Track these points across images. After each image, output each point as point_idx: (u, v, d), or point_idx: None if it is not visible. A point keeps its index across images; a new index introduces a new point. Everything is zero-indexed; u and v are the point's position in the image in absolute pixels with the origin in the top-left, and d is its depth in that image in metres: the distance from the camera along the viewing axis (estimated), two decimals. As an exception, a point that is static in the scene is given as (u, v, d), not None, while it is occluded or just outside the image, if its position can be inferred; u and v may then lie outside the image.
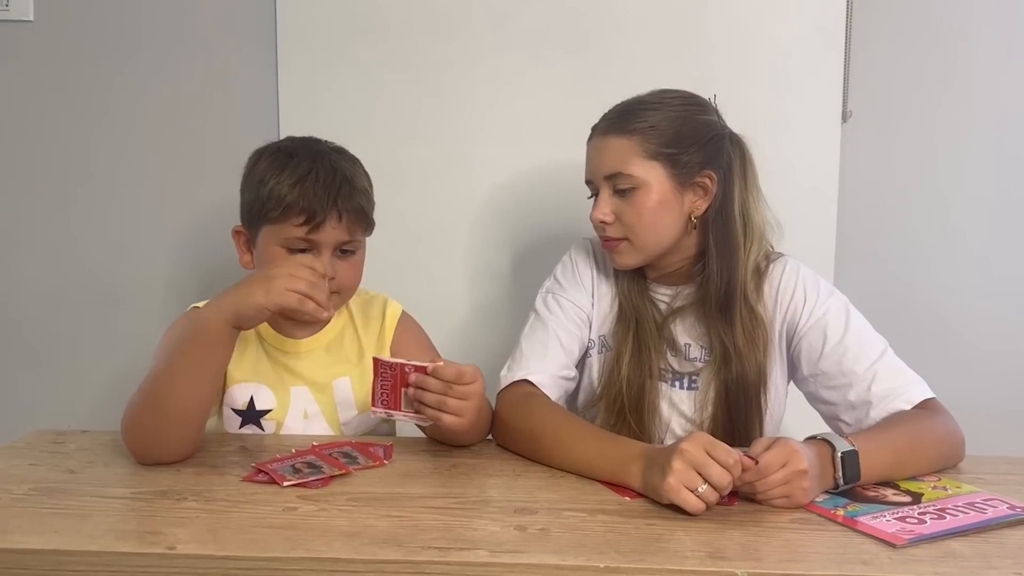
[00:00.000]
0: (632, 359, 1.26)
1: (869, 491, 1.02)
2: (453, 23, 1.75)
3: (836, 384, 1.18)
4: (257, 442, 1.21)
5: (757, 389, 1.23)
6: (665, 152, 1.21)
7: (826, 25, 1.74)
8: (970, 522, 0.92)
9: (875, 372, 1.15)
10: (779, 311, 1.25)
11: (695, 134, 1.22)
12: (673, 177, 1.22)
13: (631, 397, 1.25)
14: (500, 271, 1.80)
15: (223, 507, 0.96)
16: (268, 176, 1.21)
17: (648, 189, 1.21)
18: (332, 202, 1.20)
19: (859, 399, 1.15)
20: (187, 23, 1.78)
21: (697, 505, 0.93)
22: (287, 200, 1.19)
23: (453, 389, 1.07)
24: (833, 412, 1.20)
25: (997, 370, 1.81)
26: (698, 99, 1.27)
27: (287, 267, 1.11)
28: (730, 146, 1.25)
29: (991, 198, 1.80)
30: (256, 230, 1.25)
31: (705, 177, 1.22)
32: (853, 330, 1.19)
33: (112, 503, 0.97)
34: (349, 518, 0.93)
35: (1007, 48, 1.76)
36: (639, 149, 1.21)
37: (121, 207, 1.83)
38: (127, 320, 1.85)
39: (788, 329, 1.25)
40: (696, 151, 1.22)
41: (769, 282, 1.25)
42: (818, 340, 1.20)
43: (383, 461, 1.12)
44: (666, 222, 1.23)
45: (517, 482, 1.07)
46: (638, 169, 1.21)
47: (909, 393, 1.14)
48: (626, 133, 1.22)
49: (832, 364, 1.18)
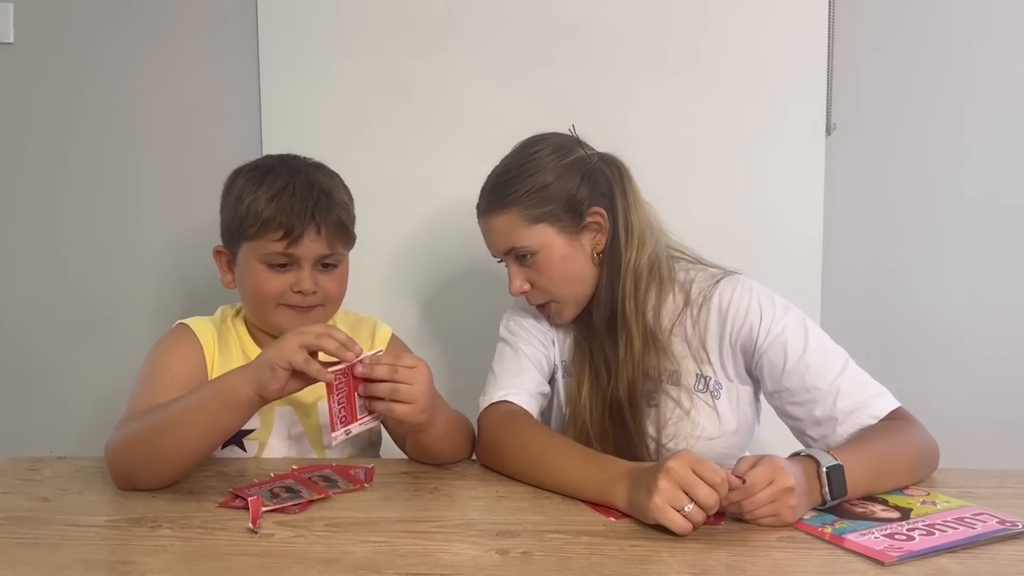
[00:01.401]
0: (591, 386, 1.26)
1: (857, 507, 1.00)
2: (437, 39, 1.76)
3: (800, 400, 1.17)
4: (237, 466, 1.19)
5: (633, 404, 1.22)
6: (546, 211, 1.21)
7: (809, 39, 1.74)
8: (960, 538, 0.91)
9: (838, 387, 1.14)
10: (730, 328, 1.22)
11: (567, 182, 1.21)
12: (563, 230, 1.22)
13: (594, 424, 1.25)
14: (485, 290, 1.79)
15: (198, 534, 0.94)
16: (245, 193, 1.21)
17: (546, 250, 1.22)
18: (310, 215, 1.19)
19: (824, 415, 1.15)
20: (168, 45, 1.78)
21: (683, 525, 0.91)
22: (264, 215, 1.18)
23: (399, 373, 1.04)
24: (799, 427, 1.19)
25: (986, 381, 1.81)
26: (560, 142, 1.25)
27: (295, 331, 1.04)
28: (606, 170, 1.24)
29: (978, 208, 1.80)
30: (236, 248, 1.24)
31: (595, 215, 1.23)
32: (813, 345, 1.18)
33: (85, 532, 0.95)
34: (327, 544, 0.91)
35: (991, 58, 1.77)
36: (520, 219, 1.22)
37: (105, 229, 1.82)
38: (112, 344, 1.83)
39: (744, 346, 1.22)
40: (574, 196, 1.21)
41: (718, 300, 1.23)
42: (779, 357, 1.18)
43: (364, 484, 1.10)
44: (576, 271, 1.24)
45: (500, 504, 1.05)
46: (528, 237, 1.22)
47: (874, 407, 1.14)
48: (503, 209, 1.23)
49: (795, 380, 1.17)
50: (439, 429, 1.14)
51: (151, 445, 1.06)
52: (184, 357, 1.23)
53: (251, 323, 1.30)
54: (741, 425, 1.27)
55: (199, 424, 1.05)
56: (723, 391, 1.25)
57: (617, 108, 1.74)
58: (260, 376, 1.02)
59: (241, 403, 1.04)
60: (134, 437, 1.07)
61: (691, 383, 1.25)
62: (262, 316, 1.25)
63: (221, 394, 1.05)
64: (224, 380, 1.06)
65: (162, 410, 1.07)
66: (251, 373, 1.03)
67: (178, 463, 1.08)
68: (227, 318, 1.31)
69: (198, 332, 1.26)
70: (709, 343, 1.24)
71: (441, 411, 1.15)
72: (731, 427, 1.25)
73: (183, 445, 1.06)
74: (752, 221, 1.77)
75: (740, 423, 1.27)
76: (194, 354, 1.24)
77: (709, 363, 1.25)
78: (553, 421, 1.35)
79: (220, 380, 1.07)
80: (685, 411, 1.24)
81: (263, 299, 1.22)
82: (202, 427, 1.05)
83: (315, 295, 1.22)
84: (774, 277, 1.38)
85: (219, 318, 1.32)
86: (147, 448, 1.06)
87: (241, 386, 1.03)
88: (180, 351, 1.24)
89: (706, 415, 1.24)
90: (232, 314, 1.32)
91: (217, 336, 1.27)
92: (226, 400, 1.04)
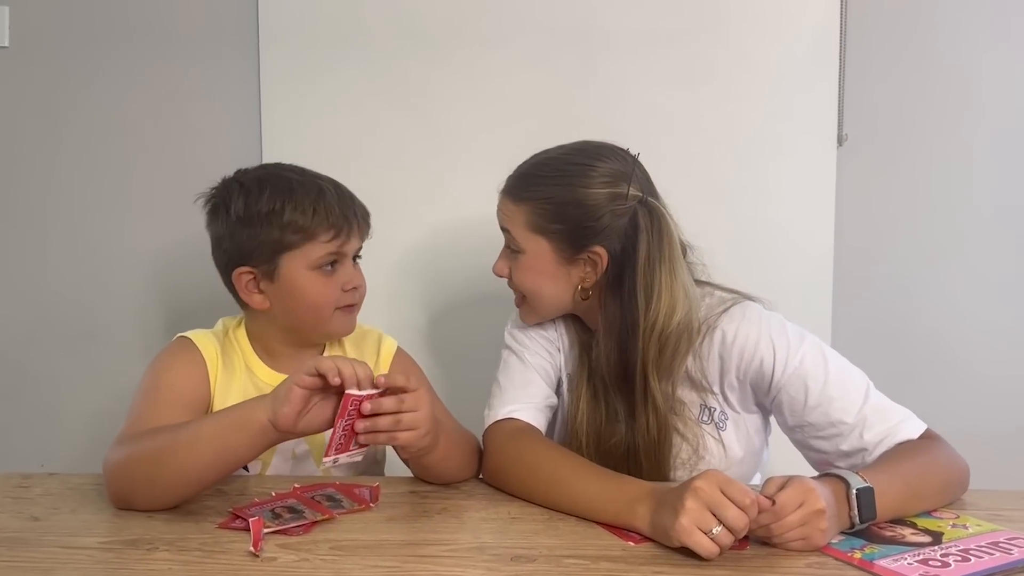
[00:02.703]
0: (589, 404, 1.21)
1: (886, 531, 0.96)
2: (441, 47, 1.72)
3: (826, 435, 1.12)
4: (238, 485, 1.14)
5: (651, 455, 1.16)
6: (551, 228, 1.16)
7: (820, 48, 1.72)
8: (997, 564, 0.87)
9: (864, 418, 1.09)
10: (736, 363, 1.16)
11: (587, 212, 1.14)
12: (558, 251, 1.17)
13: (589, 443, 1.19)
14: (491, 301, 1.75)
15: (196, 557, 0.90)
16: (277, 207, 1.17)
17: (531, 258, 1.18)
18: (351, 212, 1.21)
19: (853, 448, 1.10)
20: (165, 50, 1.75)
21: (711, 548, 0.87)
22: (314, 222, 1.17)
23: (404, 403, 1.00)
24: (825, 459, 1.13)
25: (1004, 397, 1.77)
26: (616, 171, 1.15)
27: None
28: (641, 217, 1.13)
29: (990, 219, 1.77)
30: (274, 265, 1.19)
31: (595, 253, 1.15)
32: (834, 376, 1.12)
33: (77, 555, 0.91)
34: (332, 569, 0.87)
35: (1003, 69, 1.75)
36: (525, 220, 1.17)
37: (99, 238, 1.78)
38: (106, 355, 1.79)
39: (756, 382, 1.16)
40: (586, 228, 1.14)
41: (721, 332, 1.16)
42: (799, 392, 1.12)
43: (369, 504, 1.06)
44: (551, 292, 1.20)
45: (513, 526, 1.01)
46: (522, 238, 1.18)
47: (902, 434, 1.09)
48: (517, 200, 1.18)
49: (819, 416, 1.11)
50: (442, 450, 1.09)
51: (156, 466, 1.01)
52: (187, 373, 1.19)
53: (254, 334, 1.26)
54: (748, 454, 1.22)
55: (209, 451, 1.00)
56: (729, 422, 1.20)
57: (625, 118, 1.71)
58: (275, 401, 0.98)
59: (253, 430, 0.99)
60: (138, 456, 1.02)
61: (695, 414, 1.20)
62: (318, 326, 1.22)
63: (235, 420, 1.00)
64: (240, 407, 1.02)
65: (171, 432, 1.02)
66: (267, 400, 0.99)
67: (182, 488, 1.03)
68: (229, 331, 1.27)
69: (201, 346, 1.21)
70: (711, 375, 1.18)
71: (443, 431, 1.10)
72: (737, 456, 1.20)
73: (190, 471, 1.01)
74: (762, 233, 1.74)
75: (747, 451, 1.22)
76: (197, 369, 1.19)
77: (712, 394, 1.20)
78: (557, 433, 1.30)
79: (236, 407, 1.03)
80: (692, 446, 1.18)
81: (322, 307, 1.20)
82: (211, 454, 1.00)
83: (359, 289, 1.24)
84: (784, 290, 1.34)
85: (221, 331, 1.27)
86: (151, 469, 1.01)
87: (257, 412, 0.99)
88: (182, 366, 1.19)
89: (711, 446, 1.19)
90: (234, 326, 1.28)
91: (220, 350, 1.23)
92: (240, 426, 0.99)
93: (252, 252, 1.19)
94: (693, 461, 1.18)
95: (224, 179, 1.24)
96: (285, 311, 1.22)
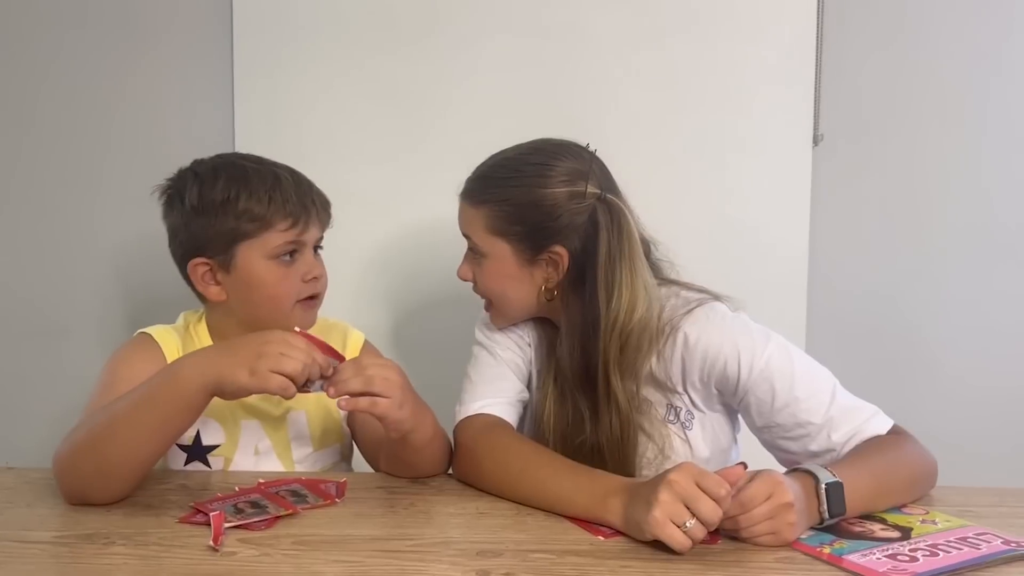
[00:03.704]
0: (557, 402, 1.20)
1: (855, 526, 0.96)
2: (421, 39, 1.70)
3: (794, 435, 1.11)
4: (200, 479, 1.12)
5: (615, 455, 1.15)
6: (511, 230, 1.15)
7: (796, 49, 1.71)
8: (966, 559, 0.86)
9: (831, 418, 1.08)
10: (700, 365, 1.14)
11: (545, 212, 1.13)
12: (519, 253, 1.16)
13: (557, 440, 1.18)
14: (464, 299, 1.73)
15: (155, 552, 0.87)
16: (232, 195, 1.15)
17: (494, 261, 1.17)
18: (310, 200, 1.19)
19: (821, 448, 1.09)
20: (136, 40, 1.71)
21: (683, 542, 0.86)
22: (270, 209, 1.15)
23: (369, 368, 1.00)
24: (794, 460, 1.12)
25: (981, 396, 1.77)
26: (574, 169, 1.14)
27: (280, 345, 0.97)
28: (600, 214, 1.12)
29: (968, 220, 1.77)
30: (229, 255, 1.17)
31: (555, 253, 1.14)
32: (800, 377, 1.11)
33: (30, 548, 0.88)
34: (294, 563, 0.85)
35: (980, 68, 1.75)
36: (484, 223, 1.16)
37: (64, 234, 1.74)
38: (71, 352, 1.75)
39: (721, 384, 1.15)
40: (545, 228, 1.13)
41: (684, 334, 1.14)
42: (766, 394, 1.11)
43: (335, 499, 1.04)
44: (515, 294, 1.19)
45: (480, 521, 0.99)
46: (483, 242, 1.17)
47: (870, 431, 1.08)
48: (475, 204, 1.17)
49: (787, 417, 1.10)
50: (427, 433, 1.08)
51: (100, 456, 0.98)
52: (144, 368, 1.15)
53: (214, 329, 1.23)
54: (715, 452, 1.20)
55: (149, 425, 0.98)
56: (695, 421, 1.19)
57: (600, 115, 1.70)
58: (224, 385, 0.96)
59: (197, 403, 0.98)
60: (80, 447, 0.99)
61: (662, 414, 1.19)
62: (277, 318, 1.17)
63: (174, 393, 0.97)
64: (177, 379, 0.98)
65: (105, 419, 0.99)
66: (211, 374, 0.96)
67: (129, 475, 1.00)
68: (190, 325, 1.25)
69: (161, 341, 1.20)
70: (674, 376, 1.17)
71: (426, 416, 1.10)
72: (704, 455, 1.19)
73: (133, 450, 0.98)
74: (736, 233, 1.73)
75: (713, 451, 1.20)
76: (155, 365, 1.16)
77: (677, 394, 1.18)
78: (527, 430, 1.27)
79: (170, 380, 0.99)
80: (658, 446, 1.17)
81: (281, 298, 1.18)
82: (152, 428, 0.98)
83: (320, 280, 1.21)
84: (758, 291, 1.33)
85: (182, 325, 1.25)
86: (95, 459, 0.98)
87: (197, 388, 0.96)
88: (140, 361, 1.16)
89: (678, 446, 1.18)
90: (195, 321, 1.25)
91: (181, 345, 1.21)
92: (180, 401, 0.97)
93: (207, 242, 1.17)
94: (659, 461, 1.16)
95: (180, 169, 1.22)
96: (242, 303, 1.19)
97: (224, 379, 0.96)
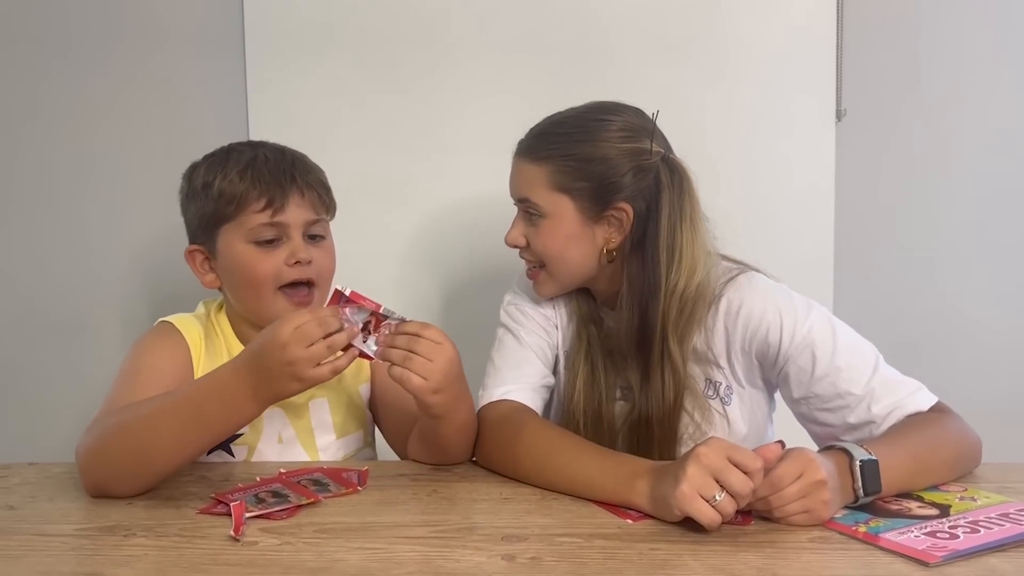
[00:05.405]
0: (586, 382, 1.18)
1: (892, 504, 0.93)
2: (429, 30, 1.68)
3: (833, 407, 1.08)
4: (222, 471, 1.11)
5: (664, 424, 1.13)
6: (575, 186, 1.11)
7: (817, 24, 1.68)
8: (1008, 535, 0.84)
9: (872, 390, 1.06)
10: (742, 334, 1.12)
11: (611, 167, 1.10)
12: (582, 211, 1.12)
13: (587, 422, 1.16)
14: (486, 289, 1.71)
15: (175, 543, 0.86)
16: (210, 178, 1.14)
17: (555, 220, 1.13)
18: (289, 178, 1.13)
19: (860, 420, 1.06)
20: (150, 37, 1.71)
21: (712, 517, 0.83)
22: (241, 188, 1.12)
23: (420, 344, 0.98)
24: (831, 433, 1.10)
25: (1009, 370, 1.74)
26: (632, 124, 1.13)
27: (296, 345, 0.94)
28: (663, 174, 1.11)
29: (991, 193, 1.74)
30: (213, 239, 1.16)
31: (620, 210, 1.12)
32: (842, 346, 1.08)
33: (51, 541, 0.87)
34: (316, 552, 0.83)
35: (1001, 43, 1.71)
36: (547, 180, 1.12)
37: (83, 230, 1.74)
38: (92, 349, 1.75)
39: (762, 353, 1.13)
40: (611, 184, 1.11)
41: (727, 303, 1.13)
42: (807, 362, 1.09)
43: (357, 488, 1.02)
44: (576, 255, 1.15)
45: (505, 506, 0.97)
46: (544, 200, 1.13)
47: (912, 406, 1.05)
48: (537, 160, 1.13)
49: (827, 387, 1.08)
50: (460, 421, 1.06)
51: (137, 453, 0.97)
52: (168, 356, 1.15)
53: (234, 317, 1.22)
54: (752, 430, 1.18)
55: (195, 434, 0.98)
56: (734, 396, 1.17)
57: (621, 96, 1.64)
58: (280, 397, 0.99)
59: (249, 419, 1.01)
60: (113, 441, 0.98)
61: (700, 388, 1.16)
62: (258, 306, 1.15)
63: (229, 409, 0.98)
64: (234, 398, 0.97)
65: (148, 418, 0.98)
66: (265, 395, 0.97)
67: (163, 473, 1.00)
68: (210, 313, 1.23)
69: (183, 330, 1.18)
70: (716, 347, 1.15)
71: (464, 403, 1.08)
72: (741, 432, 1.17)
73: (173, 453, 0.98)
74: (762, 210, 1.70)
75: (751, 428, 1.18)
76: (179, 353, 1.16)
77: (719, 367, 1.16)
78: (553, 412, 1.26)
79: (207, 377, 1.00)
80: (696, 422, 1.15)
81: (259, 283, 1.13)
82: (197, 437, 0.99)
83: (311, 266, 1.14)
84: (785, 266, 1.30)
85: (203, 314, 1.24)
86: (130, 455, 0.97)
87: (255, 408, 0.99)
88: (163, 349, 1.15)
89: (716, 421, 1.16)
90: (215, 309, 1.24)
91: (203, 333, 1.19)
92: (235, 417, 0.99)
93: (197, 228, 1.17)
94: (697, 436, 1.14)
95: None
96: (229, 289, 1.18)
97: (280, 397, 0.99)
